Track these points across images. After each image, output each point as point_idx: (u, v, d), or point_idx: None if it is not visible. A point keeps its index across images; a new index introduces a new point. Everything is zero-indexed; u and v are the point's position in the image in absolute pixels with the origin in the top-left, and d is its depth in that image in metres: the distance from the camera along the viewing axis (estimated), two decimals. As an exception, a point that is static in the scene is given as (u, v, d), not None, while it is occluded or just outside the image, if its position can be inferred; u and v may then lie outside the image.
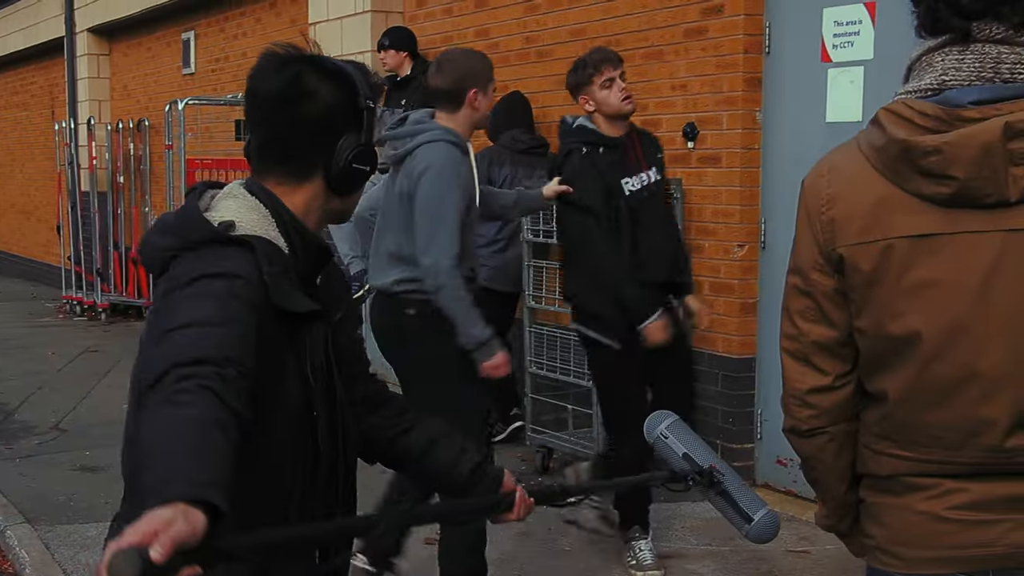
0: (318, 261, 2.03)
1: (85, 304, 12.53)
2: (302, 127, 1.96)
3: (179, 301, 1.76)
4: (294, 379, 1.92)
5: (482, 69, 4.13)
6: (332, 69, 1.99)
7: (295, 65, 1.96)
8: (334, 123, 1.97)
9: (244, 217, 1.92)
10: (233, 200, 1.96)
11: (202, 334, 1.66)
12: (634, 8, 6.29)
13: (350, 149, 1.98)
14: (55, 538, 5.25)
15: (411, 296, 4.00)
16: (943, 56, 1.78)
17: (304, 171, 1.99)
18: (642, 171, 4.59)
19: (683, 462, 3.56)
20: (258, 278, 1.83)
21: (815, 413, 1.92)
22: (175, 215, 1.95)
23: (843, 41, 5.24)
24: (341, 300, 2.13)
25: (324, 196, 2.01)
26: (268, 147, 2.00)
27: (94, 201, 12.68)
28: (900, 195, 1.76)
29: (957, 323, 1.73)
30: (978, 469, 1.76)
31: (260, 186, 1.99)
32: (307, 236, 1.99)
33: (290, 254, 1.94)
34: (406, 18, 8.24)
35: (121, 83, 13.55)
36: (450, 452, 2.30)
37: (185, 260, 1.86)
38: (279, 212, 1.96)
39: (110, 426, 7.26)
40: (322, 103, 1.96)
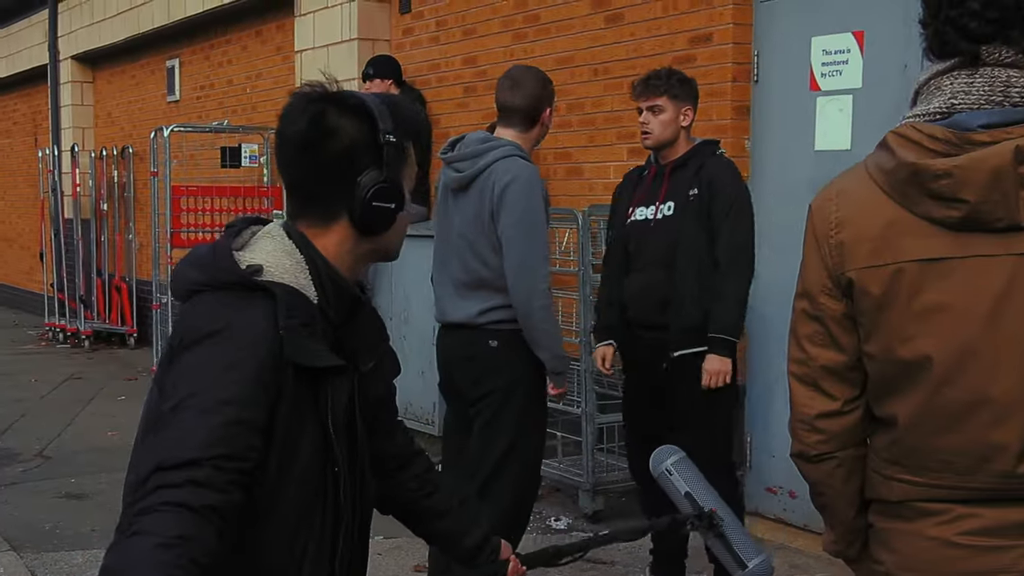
0: (351, 309, 1.98)
1: (68, 331, 12.46)
2: (323, 167, 1.91)
3: (185, 367, 1.78)
4: (314, 434, 1.88)
5: (550, 88, 4.13)
6: (352, 104, 1.93)
7: (317, 104, 1.92)
8: (353, 160, 1.91)
9: (276, 261, 1.88)
10: (270, 241, 1.93)
11: (193, 426, 1.70)
12: (622, 37, 6.32)
13: (369, 187, 1.91)
14: (41, 566, 5.20)
15: (497, 326, 3.87)
16: (952, 80, 1.79)
17: (329, 213, 1.94)
18: (658, 202, 4.43)
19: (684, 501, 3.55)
20: (274, 332, 1.80)
21: (824, 438, 1.91)
22: (208, 249, 1.91)
23: (832, 70, 5.27)
24: (375, 349, 2.07)
25: (354, 238, 1.95)
26: (295, 189, 1.97)
27: (77, 228, 12.63)
28: (910, 218, 1.76)
29: (968, 347, 1.73)
30: (990, 495, 1.76)
31: (296, 230, 1.95)
32: (340, 283, 1.94)
33: (320, 303, 1.90)
34: (393, 46, 8.26)
35: (105, 110, 13.52)
36: (463, 522, 2.36)
37: (205, 300, 1.85)
38: (312, 258, 1.91)
39: (95, 453, 7.22)
40: (341, 141, 1.90)
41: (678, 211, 4.35)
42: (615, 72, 6.37)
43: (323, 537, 1.92)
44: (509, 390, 3.91)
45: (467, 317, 3.94)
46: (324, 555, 1.93)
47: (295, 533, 1.88)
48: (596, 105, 6.53)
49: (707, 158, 4.37)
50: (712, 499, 3.49)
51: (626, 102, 6.29)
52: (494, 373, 3.93)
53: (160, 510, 1.63)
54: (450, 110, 7.59)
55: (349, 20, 8.26)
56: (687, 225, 4.32)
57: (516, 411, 3.91)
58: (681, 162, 4.39)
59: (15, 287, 16.26)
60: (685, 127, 4.40)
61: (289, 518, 1.87)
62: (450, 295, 4.01)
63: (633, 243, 4.50)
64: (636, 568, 5.08)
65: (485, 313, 3.90)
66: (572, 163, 6.73)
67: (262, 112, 10.16)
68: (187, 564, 1.59)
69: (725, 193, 4.29)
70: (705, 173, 4.32)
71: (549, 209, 4.02)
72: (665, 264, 4.36)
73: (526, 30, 7.03)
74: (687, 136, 4.44)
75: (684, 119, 4.39)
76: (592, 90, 6.55)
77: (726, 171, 4.37)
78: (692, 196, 4.31)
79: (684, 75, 4.48)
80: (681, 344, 4.33)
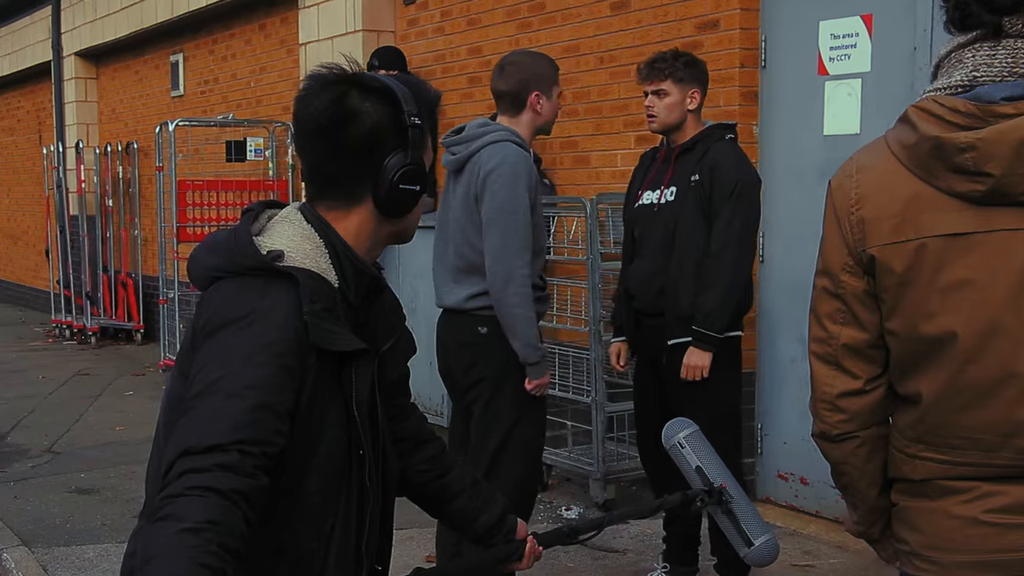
0: (370, 291, 1.98)
1: (75, 328, 12.46)
2: (346, 150, 1.90)
3: (210, 352, 1.78)
4: (338, 417, 1.88)
5: (546, 72, 4.00)
6: (375, 87, 1.92)
7: (338, 87, 1.90)
8: (378, 143, 1.90)
9: (296, 246, 1.88)
10: (288, 226, 1.92)
11: (219, 411, 1.69)
12: (628, 24, 6.29)
13: (396, 169, 1.91)
14: (52, 560, 5.19)
15: (486, 312, 3.83)
16: (974, 52, 1.76)
17: (352, 195, 1.93)
18: (663, 187, 4.35)
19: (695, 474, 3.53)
20: (298, 317, 1.79)
21: (846, 417, 1.89)
22: (227, 235, 1.90)
23: (840, 54, 5.24)
24: (393, 330, 2.08)
25: (375, 220, 1.95)
26: (316, 172, 1.96)
27: (83, 225, 12.62)
28: (932, 193, 1.74)
29: (993, 323, 1.71)
30: (1016, 471, 1.74)
31: (315, 213, 1.94)
32: (359, 266, 1.93)
33: (340, 287, 1.89)
34: (397, 37, 8.23)
35: (109, 106, 13.51)
36: (477, 502, 2.36)
37: (227, 286, 1.84)
38: (332, 241, 1.91)
39: (103, 448, 7.22)
40: (365, 124, 1.89)
41: (679, 196, 4.26)
42: (621, 60, 6.34)
43: (348, 519, 1.92)
44: (499, 378, 3.88)
45: (457, 302, 3.92)
46: (350, 537, 1.93)
47: (321, 515, 1.88)
48: (602, 93, 6.50)
49: (713, 143, 4.24)
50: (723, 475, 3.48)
51: (633, 89, 6.27)
52: (484, 360, 3.90)
53: (187, 495, 1.61)
54: (456, 101, 7.57)
55: (353, 11, 8.24)
56: (686, 211, 4.23)
57: (509, 399, 3.88)
58: (688, 146, 4.28)
59: (21, 284, 16.27)
60: (692, 110, 4.30)
61: (315, 500, 1.87)
62: (445, 279, 4.00)
63: (639, 228, 4.45)
64: (648, 556, 5.06)
65: (473, 298, 3.87)
66: (579, 152, 6.71)
67: (267, 106, 10.15)
68: (216, 549, 1.57)
69: (726, 179, 4.16)
70: (708, 159, 4.20)
71: (540, 197, 3.94)
72: (665, 250, 4.30)
73: (531, 19, 7.00)
74: (697, 119, 4.34)
75: (691, 102, 4.28)
76: (598, 78, 6.52)
77: (729, 156, 4.21)
78: (694, 182, 4.22)
79: (691, 57, 4.40)
80: (675, 332, 4.27)
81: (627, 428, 6.01)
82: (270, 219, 1.96)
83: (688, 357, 4.19)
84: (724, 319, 4.18)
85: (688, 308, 4.21)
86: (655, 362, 4.41)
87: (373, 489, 1.96)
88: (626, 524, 5.50)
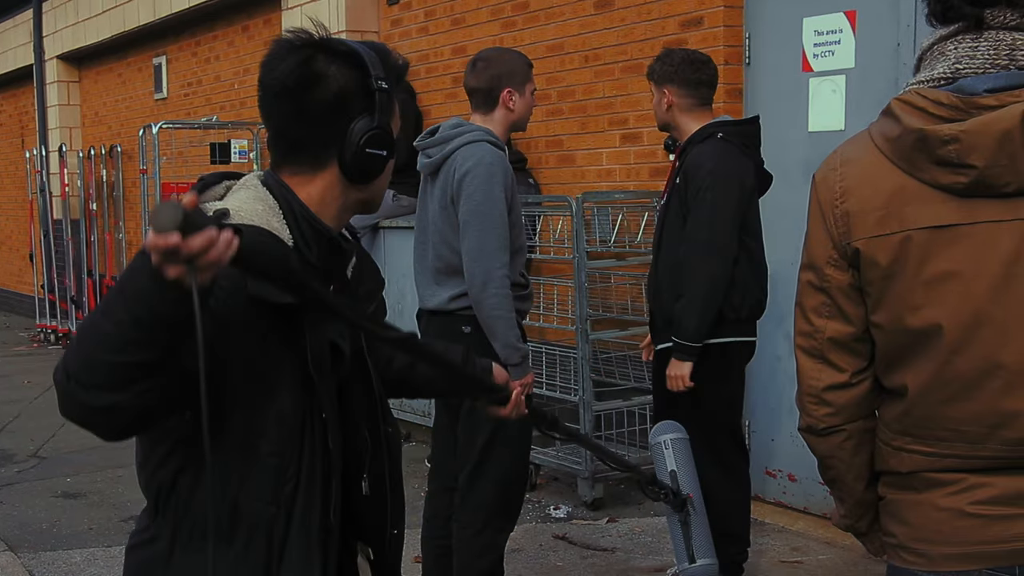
0: (332, 253, 1.96)
1: (60, 332, 12.41)
2: (312, 113, 1.89)
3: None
4: (294, 378, 1.84)
5: (517, 68, 3.96)
6: (342, 51, 1.91)
7: (303, 50, 1.89)
8: (345, 107, 1.89)
9: (246, 207, 1.85)
10: (244, 191, 1.91)
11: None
12: (612, 23, 6.29)
13: (362, 133, 1.89)
14: (39, 565, 5.16)
15: (470, 312, 3.81)
16: (956, 44, 1.76)
17: (318, 160, 1.92)
18: (665, 191, 4.34)
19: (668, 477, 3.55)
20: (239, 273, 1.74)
21: (832, 411, 1.89)
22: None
23: (824, 50, 5.25)
24: (373, 294, 2.08)
25: (341, 185, 1.94)
26: (280, 137, 1.94)
27: (67, 229, 12.57)
28: (916, 186, 1.74)
29: (978, 315, 1.71)
30: (1002, 463, 1.74)
31: (275, 177, 1.94)
32: (317, 226, 1.92)
33: (297, 244, 1.87)
34: (381, 37, 8.22)
35: (92, 110, 13.45)
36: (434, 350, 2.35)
37: None
38: (290, 204, 1.90)
39: (90, 453, 7.18)
40: (331, 87, 1.88)
41: (668, 200, 4.26)
42: (606, 58, 6.35)
43: (312, 485, 1.87)
44: None
45: (440, 303, 3.91)
46: (314, 504, 1.88)
47: (277, 479, 1.84)
48: (587, 92, 6.50)
49: (697, 144, 4.14)
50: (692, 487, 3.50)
51: (617, 88, 6.28)
52: None
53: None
54: (440, 101, 7.57)
55: (337, 12, 8.23)
56: (670, 215, 4.21)
57: None
58: (684, 147, 4.23)
59: (5, 289, 16.18)
60: (669, 109, 4.22)
61: (269, 462, 1.83)
62: (427, 281, 3.99)
63: (656, 230, 4.44)
64: (637, 554, 5.07)
65: (456, 299, 3.85)
66: (564, 150, 6.71)
67: (251, 108, 10.10)
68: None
69: (696, 181, 4.07)
70: (688, 159, 4.14)
71: (517, 196, 3.91)
72: (656, 254, 4.32)
73: (515, 18, 7.00)
74: (692, 116, 4.22)
75: (666, 101, 4.21)
76: (583, 77, 6.52)
77: (702, 156, 4.09)
78: (676, 184, 4.18)
79: (667, 54, 4.29)
80: (661, 337, 4.26)
81: (615, 427, 6.01)
82: (227, 189, 1.95)
83: (669, 368, 4.16)
84: (695, 327, 4.08)
85: (669, 313, 4.19)
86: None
87: (338, 456, 1.91)
88: (615, 523, 5.51)
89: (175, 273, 1.46)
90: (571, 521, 5.58)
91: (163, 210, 1.43)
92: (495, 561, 3.93)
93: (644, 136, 6.12)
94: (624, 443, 6.01)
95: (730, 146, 4.15)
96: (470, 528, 3.89)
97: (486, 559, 3.91)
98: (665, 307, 4.22)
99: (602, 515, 5.65)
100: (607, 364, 6.16)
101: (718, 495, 3.99)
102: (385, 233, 7.02)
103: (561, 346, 6.17)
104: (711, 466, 4.12)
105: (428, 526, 4.15)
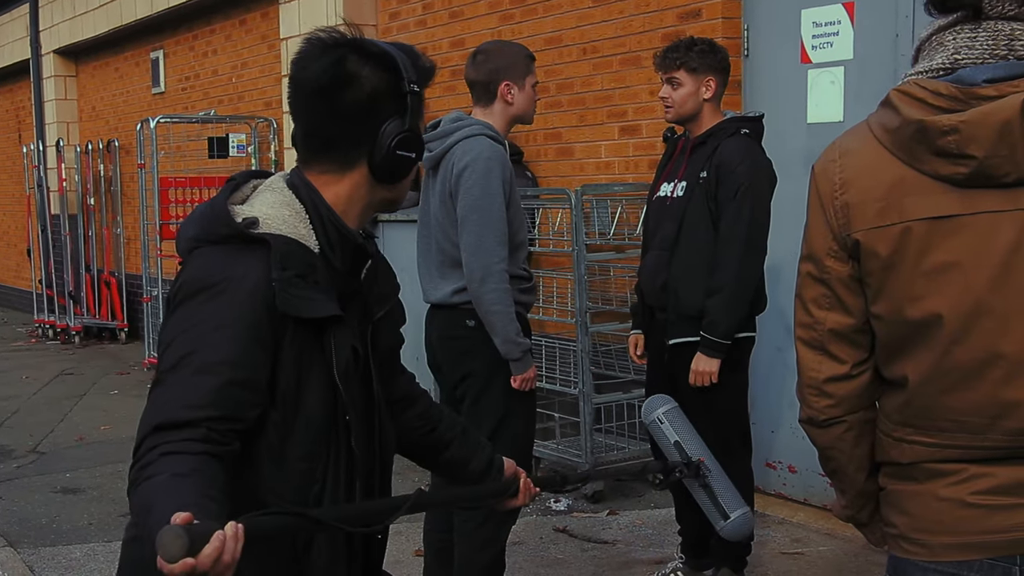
0: (357, 258, 1.98)
1: (58, 327, 12.41)
2: (344, 114, 1.90)
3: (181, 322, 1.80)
4: (320, 383, 1.88)
5: (516, 61, 3.93)
6: (375, 52, 1.92)
7: (337, 50, 1.91)
8: (377, 108, 1.91)
9: (274, 213, 1.88)
10: (271, 194, 1.93)
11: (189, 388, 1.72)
12: (610, 15, 6.29)
13: (394, 135, 1.92)
14: (39, 560, 5.17)
15: (471, 306, 3.80)
16: (955, 34, 1.76)
17: (347, 159, 1.94)
18: (677, 180, 4.25)
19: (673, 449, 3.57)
20: (268, 284, 1.80)
21: (833, 402, 1.89)
22: (207, 205, 1.92)
23: (822, 42, 5.25)
24: (387, 298, 2.09)
25: (368, 185, 1.96)
26: (311, 135, 1.96)
27: (65, 224, 12.56)
28: (916, 177, 1.74)
29: (978, 305, 1.70)
30: (1003, 453, 1.73)
31: (302, 178, 1.95)
32: (344, 233, 1.93)
33: (322, 252, 1.89)
34: (379, 31, 8.21)
35: (89, 104, 13.44)
36: (465, 450, 2.38)
37: (202, 254, 1.85)
38: (317, 207, 1.91)
39: (89, 447, 7.19)
40: (364, 88, 1.90)
41: (688, 192, 4.17)
42: (604, 51, 6.34)
43: (337, 486, 1.91)
44: (489, 371, 3.86)
45: (443, 297, 3.90)
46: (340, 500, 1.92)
47: (306, 482, 1.88)
48: (585, 85, 6.50)
49: (725, 138, 4.12)
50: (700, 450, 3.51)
51: (615, 80, 6.28)
52: (472, 354, 3.88)
53: (163, 458, 1.64)
54: (438, 94, 7.55)
55: (335, 5, 8.22)
56: (693, 209, 4.14)
57: (499, 392, 3.85)
58: (702, 140, 4.18)
59: (3, 285, 16.19)
60: (708, 99, 4.17)
61: (298, 467, 1.87)
62: (430, 275, 3.99)
63: (652, 220, 4.39)
64: (636, 546, 5.07)
65: (459, 293, 3.85)
66: (563, 143, 6.70)
67: (249, 101, 10.11)
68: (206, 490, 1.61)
69: (732, 178, 4.04)
70: (717, 155, 4.09)
71: (516, 190, 3.90)
72: (671, 247, 4.21)
73: (513, 11, 6.99)
74: (714, 109, 4.21)
75: (706, 91, 4.16)
76: (581, 69, 6.51)
77: (738, 153, 4.07)
78: (702, 179, 4.12)
79: (709, 45, 4.24)
80: (677, 332, 4.21)
81: (615, 420, 6.02)
82: (254, 189, 1.96)
83: (696, 363, 4.12)
84: (730, 325, 4.08)
85: (689, 308, 4.15)
86: (662, 356, 4.35)
87: (362, 457, 1.95)
88: (615, 516, 5.51)
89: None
90: (571, 514, 5.58)
91: (167, 539, 1.45)
92: (496, 554, 3.93)
93: (643, 128, 6.12)
94: (624, 435, 6.01)
95: (756, 144, 4.17)
96: (472, 521, 3.89)
97: (488, 552, 3.91)
98: (683, 303, 4.17)
99: (602, 508, 5.65)
100: (607, 357, 6.16)
101: None
102: (384, 226, 7.01)
103: (560, 339, 6.17)
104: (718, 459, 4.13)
105: (429, 520, 4.15)
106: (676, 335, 4.22)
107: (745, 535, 3.54)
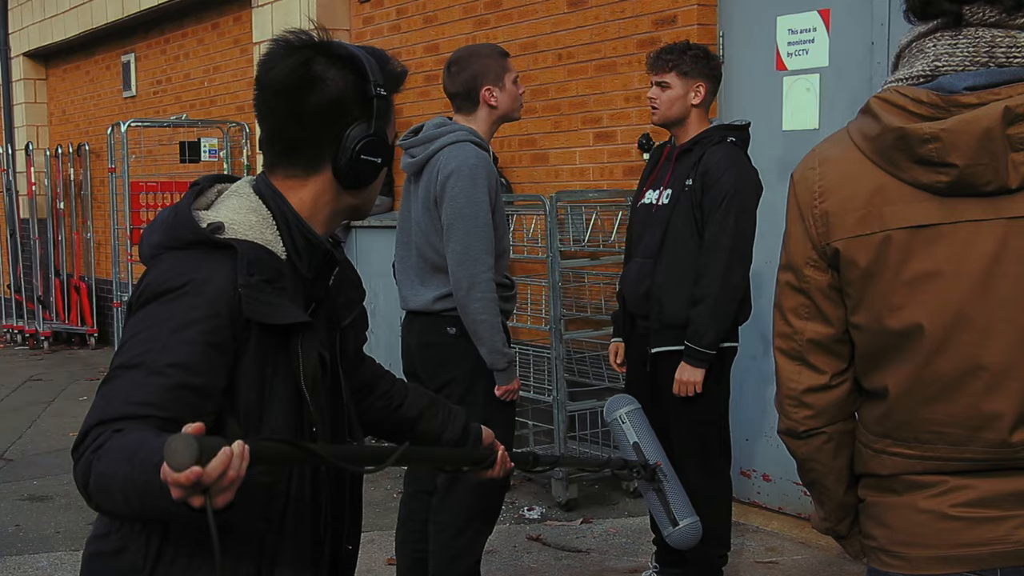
0: (324, 264, 1.94)
1: (27, 333, 12.27)
2: (308, 116, 1.86)
3: (139, 323, 1.76)
4: (285, 392, 1.83)
5: (491, 64, 3.89)
6: (342, 55, 1.89)
7: (304, 52, 1.87)
8: (342, 112, 1.87)
9: (240, 219, 1.84)
10: (236, 199, 1.89)
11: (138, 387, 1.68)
12: (585, 21, 6.27)
13: (358, 139, 1.88)
14: (5, 569, 5.08)
15: (454, 313, 3.76)
16: (935, 41, 1.74)
17: (311, 163, 1.90)
18: (662, 187, 4.21)
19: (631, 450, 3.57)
20: (233, 290, 1.76)
21: (812, 413, 1.86)
22: (170, 210, 1.87)
23: (798, 49, 5.24)
24: (353, 304, 2.06)
25: (334, 191, 1.92)
26: (275, 137, 1.92)
27: (34, 228, 12.44)
28: (896, 185, 1.72)
29: (959, 315, 1.68)
30: (984, 465, 1.71)
31: (268, 183, 1.91)
32: (310, 237, 1.90)
33: (289, 259, 1.86)
34: (353, 35, 8.17)
35: (59, 107, 13.33)
36: (436, 422, 2.38)
37: (166, 259, 1.81)
38: (284, 213, 1.88)
39: (57, 455, 7.10)
40: (329, 91, 1.86)
41: (673, 200, 4.13)
42: (579, 56, 6.32)
43: (302, 499, 1.87)
44: (469, 379, 3.82)
45: (424, 304, 3.86)
46: (305, 518, 1.88)
47: (269, 495, 1.83)
48: (560, 90, 6.48)
49: (711, 146, 4.08)
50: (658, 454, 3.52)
51: (591, 86, 6.26)
52: (453, 361, 3.84)
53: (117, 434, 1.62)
54: (412, 99, 7.52)
55: (308, 9, 8.17)
56: (677, 218, 4.10)
57: (479, 401, 3.81)
58: (688, 147, 4.14)
59: (-28, 289, 16.02)
60: (696, 105, 4.14)
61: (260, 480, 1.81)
62: (410, 282, 3.94)
63: (636, 228, 4.34)
64: (611, 555, 5.04)
65: (441, 300, 3.81)
66: (537, 149, 6.68)
67: (220, 106, 10.04)
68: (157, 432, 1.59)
69: (718, 186, 4.00)
70: (703, 163, 4.05)
71: (501, 197, 3.87)
72: (655, 255, 4.17)
73: (488, 16, 6.96)
74: (701, 115, 4.18)
75: (695, 96, 4.13)
76: (556, 75, 6.49)
77: (724, 162, 4.03)
78: (688, 187, 4.08)
79: (702, 51, 4.21)
80: (660, 340, 4.17)
81: (588, 427, 5.99)
82: (219, 194, 1.93)
83: (680, 373, 4.09)
84: (714, 335, 4.04)
85: (672, 317, 4.12)
86: (644, 365, 4.30)
87: (330, 468, 1.90)
88: (589, 524, 5.48)
89: (200, 502, 1.44)
90: (545, 522, 5.55)
91: (178, 446, 1.40)
92: (472, 565, 3.89)
93: (618, 135, 6.10)
94: (598, 443, 5.99)
95: (742, 152, 4.15)
96: (448, 530, 3.85)
97: (464, 562, 3.87)
98: (666, 311, 4.13)
99: (576, 516, 5.62)
100: (581, 364, 6.13)
101: (704, 498, 3.95)
102: (357, 232, 6.96)
103: (535, 346, 6.14)
104: (698, 469, 4.13)
105: (403, 529, 4.11)
106: (659, 344, 4.18)
107: (691, 543, 3.53)
